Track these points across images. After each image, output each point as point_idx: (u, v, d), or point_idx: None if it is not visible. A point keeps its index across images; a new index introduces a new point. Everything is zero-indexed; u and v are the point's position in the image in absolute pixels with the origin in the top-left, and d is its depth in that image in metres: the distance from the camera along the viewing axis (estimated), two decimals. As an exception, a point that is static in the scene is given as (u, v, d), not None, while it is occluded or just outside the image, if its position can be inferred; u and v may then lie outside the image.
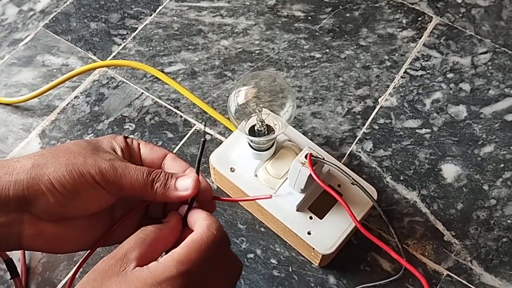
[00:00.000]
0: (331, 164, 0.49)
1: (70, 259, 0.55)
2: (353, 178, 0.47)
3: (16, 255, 0.54)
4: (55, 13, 0.73)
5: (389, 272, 0.55)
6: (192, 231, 0.36)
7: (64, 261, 0.55)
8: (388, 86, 0.67)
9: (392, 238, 0.57)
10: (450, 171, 0.61)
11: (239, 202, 0.58)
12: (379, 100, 0.66)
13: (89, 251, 0.40)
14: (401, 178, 0.61)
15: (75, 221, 0.38)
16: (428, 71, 0.68)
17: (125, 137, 0.41)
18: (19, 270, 0.53)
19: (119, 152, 0.40)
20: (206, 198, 0.39)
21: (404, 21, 0.73)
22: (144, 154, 0.41)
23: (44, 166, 0.36)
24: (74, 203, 0.36)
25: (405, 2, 0.74)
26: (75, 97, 0.66)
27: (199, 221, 0.37)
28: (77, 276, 0.54)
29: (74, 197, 0.36)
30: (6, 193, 0.34)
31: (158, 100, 0.66)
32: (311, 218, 0.53)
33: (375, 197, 0.54)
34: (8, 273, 0.53)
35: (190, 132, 0.63)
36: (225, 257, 0.37)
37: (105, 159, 0.37)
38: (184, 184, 0.38)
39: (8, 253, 0.53)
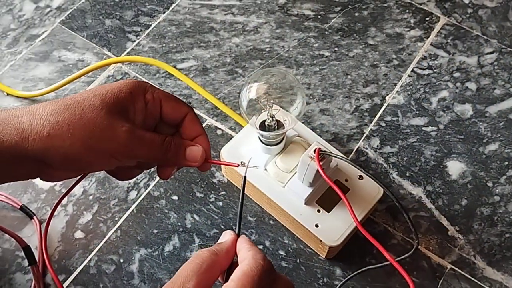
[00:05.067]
0: (339, 157, 0.51)
1: (86, 248, 0.57)
2: (361, 171, 0.48)
3: (34, 243, 0.56)
4: (71, 10, 0.75)
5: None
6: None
7: (80, 250, 0.57)
8: (395, 85, 0.69)
9: (398, 232, 0.58)
10: (455, 168, 0.63)
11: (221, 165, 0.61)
12: (387, 98, 0.68)
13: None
14: (407, 174, 0.62)
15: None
16: (435, 70, 0.70)
17: (146, 91, 0.41)
18: (36, 257, 0.55)
19: (137, 115, 0.40)
20: (205, 168, 0.45)
21: (412, 21, 0.74)
22: (165, 111, 0.42)
23: (60, 138, 0.36)
24: (86, 169, 0.41)
25: (413, 2, 0.76)
26: (90, 92, 0.68)
27: (243, 252, 0.38)
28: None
29: (87, 166, 0.39)
30: (24, 155, 0.36)
31: (170, 95, 0.67)
32: (318, 211, 0.54)
33: (381, 193, 0.55)
34: (26, 260, 0.54)
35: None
36: (275, 282, 0.38)
37: (122, 131, 0.38)
38: (193, 156, 0.42)
39: (26, 240, 0.55)
